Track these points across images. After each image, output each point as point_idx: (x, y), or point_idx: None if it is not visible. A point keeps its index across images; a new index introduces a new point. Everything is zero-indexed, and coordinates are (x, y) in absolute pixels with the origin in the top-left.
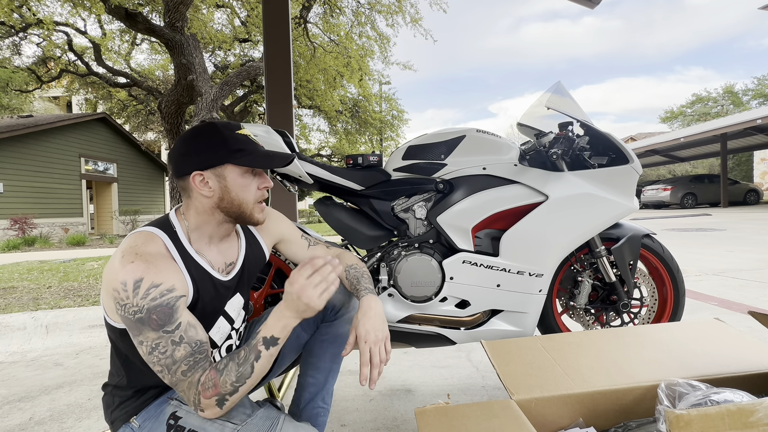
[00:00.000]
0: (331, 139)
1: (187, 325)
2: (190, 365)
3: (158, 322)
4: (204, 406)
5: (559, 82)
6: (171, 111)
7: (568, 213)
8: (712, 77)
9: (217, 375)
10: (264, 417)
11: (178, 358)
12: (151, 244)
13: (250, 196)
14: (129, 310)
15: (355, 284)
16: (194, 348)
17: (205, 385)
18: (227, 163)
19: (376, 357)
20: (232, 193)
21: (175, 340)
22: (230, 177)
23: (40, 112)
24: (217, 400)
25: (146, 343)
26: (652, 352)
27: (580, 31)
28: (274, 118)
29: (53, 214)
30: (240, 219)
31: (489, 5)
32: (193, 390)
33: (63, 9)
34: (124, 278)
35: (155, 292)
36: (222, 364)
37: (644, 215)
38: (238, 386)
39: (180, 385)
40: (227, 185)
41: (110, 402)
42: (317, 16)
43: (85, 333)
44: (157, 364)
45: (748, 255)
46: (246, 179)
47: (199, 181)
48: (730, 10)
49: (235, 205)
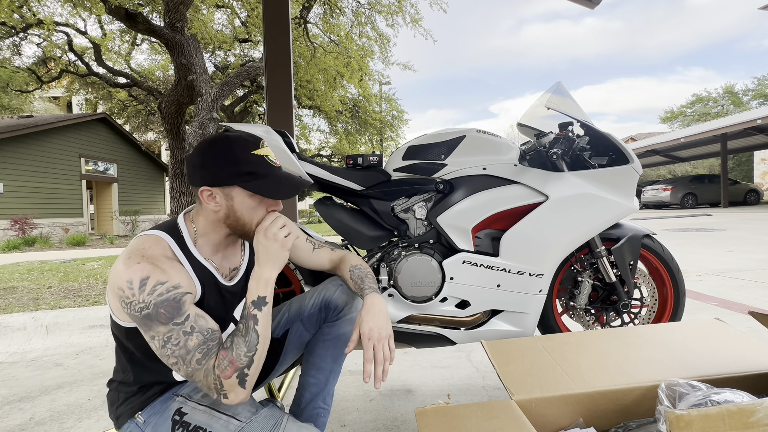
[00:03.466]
0: (331, 139)
1: (196, 316)
2: (204, 353)
3: (167, 315)
4: (227, 387)
5: (559, 83)
6: (171, 111)
7: (569, 213)
8: (713, 77)
9: (228, 352)
10: (268, 416)
11: (192, 347)
12: (157, 247)
13: (255, 219)
14: (135, 307)
15: (360, 284)
16: (206, 336)
17: (221, 366)
18: (235, 185)
19: (380, 354)
20: (238, 213)
21: (186, 330)
22: (238, 199)
23: (41, 113)
24: (238, 376)
25: (158, 338)
26: (652, 352)
27: (581, 32)
28: (274, 118)
29: (53, 214)
30: (245, 237)
31: (490, 6)
32: (211, 375)
33: (63, 9)
34: (129, 277)
35: (161, 288)
36: (228, 342)
37: (644, 215)
38: (252, 355)
39: (197, 374)
40: (234, 206)
41: (115, 398)
42: (317, 17)
43: (85, 333)
44: (171, 357)
45: (749, 255)
46: (254, 201)
47: (207, 196)
48: (731, 10)
49: (240, 224)
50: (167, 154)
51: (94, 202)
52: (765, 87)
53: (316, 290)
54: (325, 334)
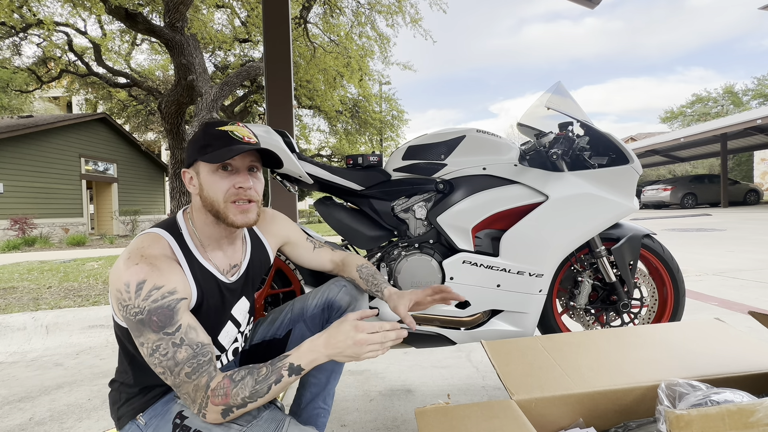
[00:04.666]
0: (331, 139)
1: (188, 327)
2: (194, 368)
3: (158, 323)
4: (209, 411)
5: (559, 83)
6: (171, 111)
7: (568, 213)
8: (713, 77)
9: (231, 385)
10: (269, 419)
11: (180, 360)
12: (157, 246)
13: (219, 194)
14: (130, 311)
15: (372, 281)
16: (196, 350)
17: (216, 392)
18: (198, 160)
19: None
20: (205, 191)
21: (175, 341)
22: (202, 174)
23: (41, 113)
24: (224, 410)
25: (147, 345)
26: (652, 352)
27: (582, 32)
28: (274, 118)
29: (53, 214)
30: (220, 219)
31: (491, 6)
32: (201, 393)
33: (63, 9)
34: (127, 280)
35: (156, 294)
36: (239, 376)
37: (644, 215)
38: (248, 402)
39: (184, 387)
40: (201, 183)
41: (117, 398)
42: (317, 17)
43: (85, 333)
44: (158, 366)
45: (748, 255)
46: (215, 176)
47: (187, 179)
48: (731, 10)
49: (208, 204)
50: (167, 154)
51: (94, 202)
52: (765, 87)
53: (320, 290)
54: None
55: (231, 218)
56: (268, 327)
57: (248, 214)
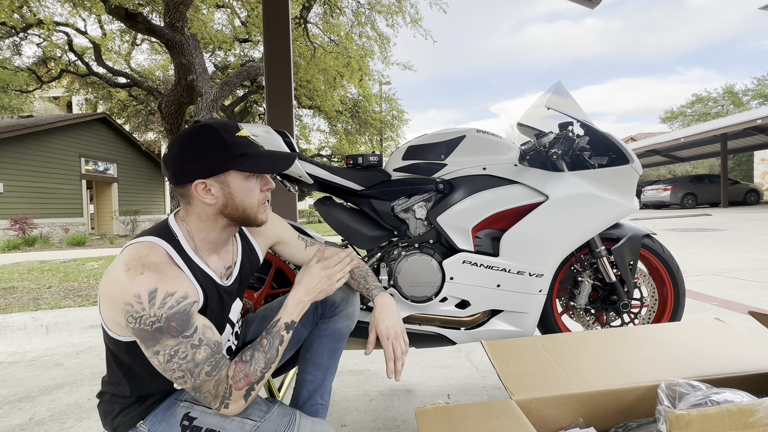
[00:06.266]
0: (331, 139)
1: (204, 328)
2: (213, 365)
3: (177, 328)
4: (233, 399)
5: (559, 83)
6: (171, 111)
7: (569, 213)
8: (713, 78)
9: (246, 366)
10: (281, 413)
11: (200, 360)
12: (155, 253)
13: (254, 200)
14: (146, 321)
15: (363, 283)
16: (213, 349)
17: (236, 378)
18: (231, 169)
19: (398, 350)
20: (236, 200)
21: (194, 343)
22: (234, 183)
23: (41, 113)
24: (247, 390)
25: (163, 352)
26: (652, 352)
27: (582, 32)
28: (274, 118)
29: (53, 214)
30: (245, 222)
31: (491, 7)
32: (223, 385)
33: (63, 9)
34: (136, 291)
35: (171, 301)
36: (247, 356)
37: (644, 215)
38: (265, 372)
39: (205, 386)
40: (231, 192)
41: (109, 409)
42: (317, 16)
43: (85, 333)
44: (177, 371)
45: (749, 255)
46: (249, 183)
47: (202, 189)
48: (731, 11)
49: (239, 210)
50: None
51: (94, 202)
52: (765, 87)
53: None
54: (321, 330)
55: (261, 218)
56: (260, 324)
57: (267, 211)
